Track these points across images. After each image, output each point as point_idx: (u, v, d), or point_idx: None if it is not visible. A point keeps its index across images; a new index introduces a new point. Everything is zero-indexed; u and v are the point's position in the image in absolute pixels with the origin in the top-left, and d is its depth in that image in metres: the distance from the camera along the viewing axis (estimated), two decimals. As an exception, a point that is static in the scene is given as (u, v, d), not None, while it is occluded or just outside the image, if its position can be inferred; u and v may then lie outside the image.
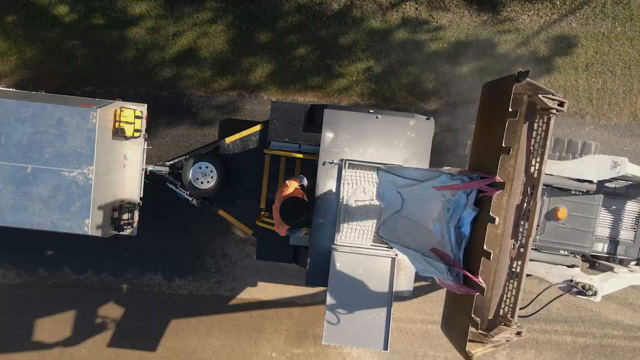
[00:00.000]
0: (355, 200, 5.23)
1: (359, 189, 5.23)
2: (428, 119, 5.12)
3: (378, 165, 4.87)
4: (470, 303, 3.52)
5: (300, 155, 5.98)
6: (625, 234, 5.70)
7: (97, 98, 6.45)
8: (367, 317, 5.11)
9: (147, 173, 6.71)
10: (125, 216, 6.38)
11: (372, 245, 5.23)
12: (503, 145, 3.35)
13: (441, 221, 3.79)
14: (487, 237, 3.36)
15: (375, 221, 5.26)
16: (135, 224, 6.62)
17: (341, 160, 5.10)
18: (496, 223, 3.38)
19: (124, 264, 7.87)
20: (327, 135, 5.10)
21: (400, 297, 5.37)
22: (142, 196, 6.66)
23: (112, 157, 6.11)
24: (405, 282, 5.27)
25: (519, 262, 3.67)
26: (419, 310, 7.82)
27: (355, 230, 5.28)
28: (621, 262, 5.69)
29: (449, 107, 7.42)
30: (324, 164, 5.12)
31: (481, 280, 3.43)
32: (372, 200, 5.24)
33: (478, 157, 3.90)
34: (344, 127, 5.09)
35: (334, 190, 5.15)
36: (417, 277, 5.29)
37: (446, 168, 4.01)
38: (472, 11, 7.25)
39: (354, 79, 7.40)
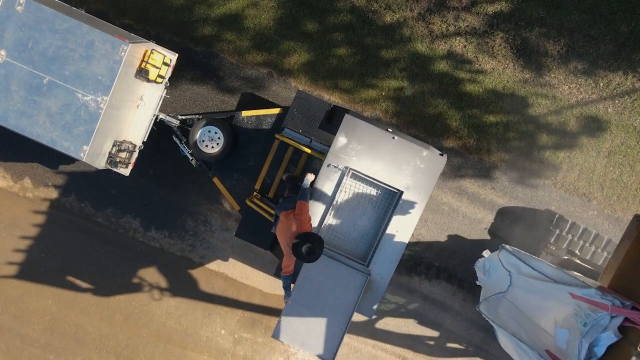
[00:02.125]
0: (347, 209, 5.23)
1: (354, 201, 5.22)
2: (442, 154, 5.10)
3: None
4: None
5: (309, 151, 5.98)
6: None
7: (132, 33, 6.45)
8: (323, 325, 5.10)
9: (157, 120, 6.71)
10: (123, 155, 6.38)
11: (349, 256, 5.22)
12: None
13: (571, 330, 3.71)
14: None
15: (358, 235, 5.26)
16: (130, 165, 6.63)
17: (346, 167, 5.10)
18: None
19: (107, 200, 7.86)
20: (340, 140, 5.10)
21: (361, 315, 5.36)
22: (145, 140, 6.66)
23: (129, 95, 6.11)
24: (369, 303, 5.26)
25: None
26: (375, 333, 7.81)
27: (338, 238, 5.28)
28: None
29: (464, 151, 7.41)
30: (328, 165, 5.11)
31: None
32: (363, 214, 5.23)
33: (627, 282, 3.82)
34: (359, 137, 5.08)
35: (329, 194, 5.15)
36: (382, 302, 5.26)
37: (579, 275, 3.87)
38: (517, 66, 7.24)
39: (383, 94, 7.39)
